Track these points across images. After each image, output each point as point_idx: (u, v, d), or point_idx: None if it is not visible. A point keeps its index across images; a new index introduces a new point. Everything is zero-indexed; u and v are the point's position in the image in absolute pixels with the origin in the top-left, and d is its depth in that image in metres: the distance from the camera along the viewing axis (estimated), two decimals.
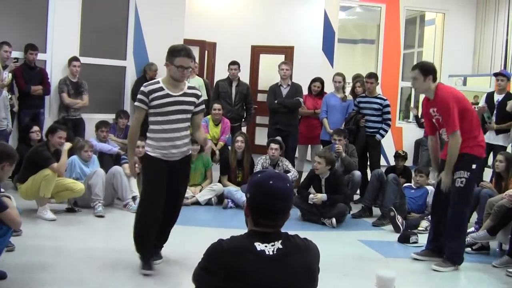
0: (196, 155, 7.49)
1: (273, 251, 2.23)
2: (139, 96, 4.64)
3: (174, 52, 4.60)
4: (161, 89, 4.61)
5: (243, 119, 9.21)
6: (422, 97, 12.93)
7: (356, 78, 9.01)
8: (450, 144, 5.15)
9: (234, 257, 2.20)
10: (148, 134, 4.72)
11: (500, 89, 8.10)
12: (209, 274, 2.22)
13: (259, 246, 2.23)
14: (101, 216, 6.50)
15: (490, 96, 8.24)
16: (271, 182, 2.27)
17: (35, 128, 7.53)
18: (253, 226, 2.31)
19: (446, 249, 5.33)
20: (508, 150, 8.00)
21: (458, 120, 5.08)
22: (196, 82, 8.67)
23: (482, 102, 8.26)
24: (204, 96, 8.73)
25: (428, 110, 5.34)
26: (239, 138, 7.86)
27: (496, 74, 8.31)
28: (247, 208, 2.32)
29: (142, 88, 4.66)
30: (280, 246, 2.25)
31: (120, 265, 4.86)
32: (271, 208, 2.26)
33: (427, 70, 5.18)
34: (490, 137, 7.88)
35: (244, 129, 9.34)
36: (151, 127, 4.69)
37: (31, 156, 6.38)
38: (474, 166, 5.20)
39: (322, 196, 6.89)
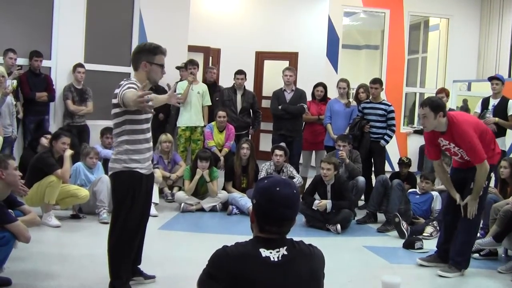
0: (208, 171, 7.58)
1: (278, 257, 2.22)
2: (132, 85, 3.93)
3: (153, 50, 4.12)
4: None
5: (251, 127, 9.22)
6: None
7: (360, 86, 8.98)
8: (478, 173, 5.04)
9: (239, 263, 2.19)
10: (129, 147, 4.08)
11: (495, 93, 8.16)
12: (214, 280, 2.22)
13: (264, 252, 2.22)
14: (106, 223, 6.49)
15: (486, 101, 8.32)
16: (277, 188, 2.25)
17: (48, 135, 7.48)
18: (259, 232, 2.31)
19: (453, 254, 5.31)
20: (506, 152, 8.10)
21: (482, 149, 5.00)
22: (200, 88, 8.68)
23: (478, 108, 8.36)
24: (208, 102, 8.77)
25: (435, 140, 5.22)
26: (245, 145, 7.87)
27: (490, 78, 8.35)
28: (253, 214, 2.32)
29: (134, 80, 4.05)
30: (285, 253, 2.24)
31: None
32: (277, 215, 2.25)
33: (437, 107, 4.97)
34: None
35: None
36: (135, 137, 4.09)
37: (35, 162, 6.39)
38: (492, 175, 5.28)
39: (327, 203, 6.89)
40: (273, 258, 2.22)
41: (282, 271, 2.21)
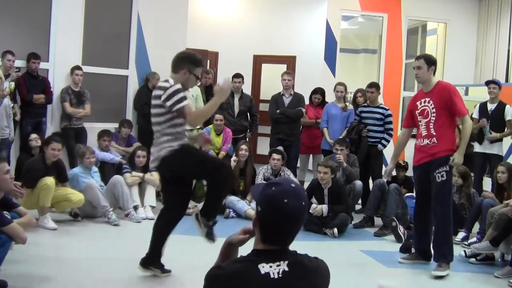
0: None
1: (278, 272, 2.05)
2: (183, 94, 4.42)
3: (197, 62, 4.60)
4: None
5: (248, 130, 9.22)
6: None
7: (358, 90, 8.98)
8: (464, 127, 5.41)
9: (236, 281, 2.03)
10: (172, 136, 4.52)
11: (493, 98, 8.17)
12: None
13: (263, 268, 2.05)
14: (117, 225, 6.61)
15: (483, 106, 8.32)
16: (285, 200, 2.03)
17: (33, 135, 7.55)
18: (260, 242, 2.13)
19: (437, 249, 5.37)
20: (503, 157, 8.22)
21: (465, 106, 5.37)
22: (194, 91, 8.65)
23: (476, 113, 8.33)
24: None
25: (416, 102, 5.59)
26: (243, 146, 7.87)
27: (488, 82, 8.34)
28: (256, 220, 2.12)
29: (179, 87, 4.43)
30: (286, 269, 2.07)
31: (122, 275, 4.85)
32: (283, 228, 2.08)
33: (431, 61, 5.50)
34: (485, 147, 8.13)
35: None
36: (178, 129, 4.54)
37: (27, 166, 6.42)
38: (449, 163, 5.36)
39: (323, 208, 6.89)
40: (273, 274, 2.04)
41: None
